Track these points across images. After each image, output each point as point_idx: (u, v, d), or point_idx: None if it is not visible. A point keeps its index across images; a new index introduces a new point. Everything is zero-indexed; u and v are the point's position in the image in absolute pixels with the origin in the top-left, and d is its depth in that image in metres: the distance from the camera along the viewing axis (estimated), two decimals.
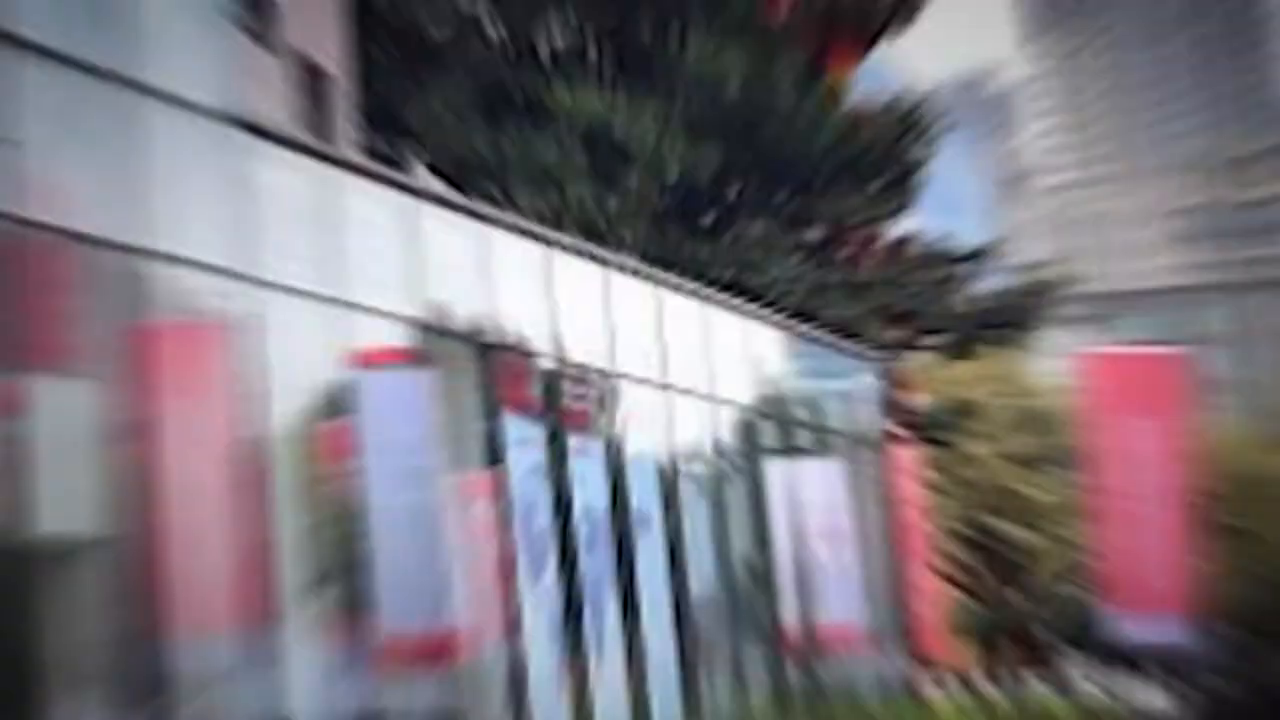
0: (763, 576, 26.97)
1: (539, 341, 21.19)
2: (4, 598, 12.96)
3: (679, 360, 25.05)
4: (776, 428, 28.28)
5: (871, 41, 42.90)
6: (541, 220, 27.98)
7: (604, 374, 22.62)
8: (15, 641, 13.00)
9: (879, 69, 47.37)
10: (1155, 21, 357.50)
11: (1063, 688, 43.99)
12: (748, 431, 27.18)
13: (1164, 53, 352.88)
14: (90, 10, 14.84)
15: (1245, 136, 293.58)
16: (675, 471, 24.34)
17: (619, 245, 29.78)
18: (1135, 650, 43.48)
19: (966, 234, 52.46)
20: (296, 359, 16.98)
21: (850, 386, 32.44)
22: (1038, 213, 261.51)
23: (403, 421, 18.55)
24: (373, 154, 31.54)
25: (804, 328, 31.67)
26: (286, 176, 17.31)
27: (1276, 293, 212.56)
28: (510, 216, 22.23)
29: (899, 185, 41.69)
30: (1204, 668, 55.72)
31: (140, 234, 14.87)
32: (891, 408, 38.29)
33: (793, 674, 27.20)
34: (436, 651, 18.47)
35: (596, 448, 22.08)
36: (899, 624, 33.26)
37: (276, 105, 26.97)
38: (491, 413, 20.00)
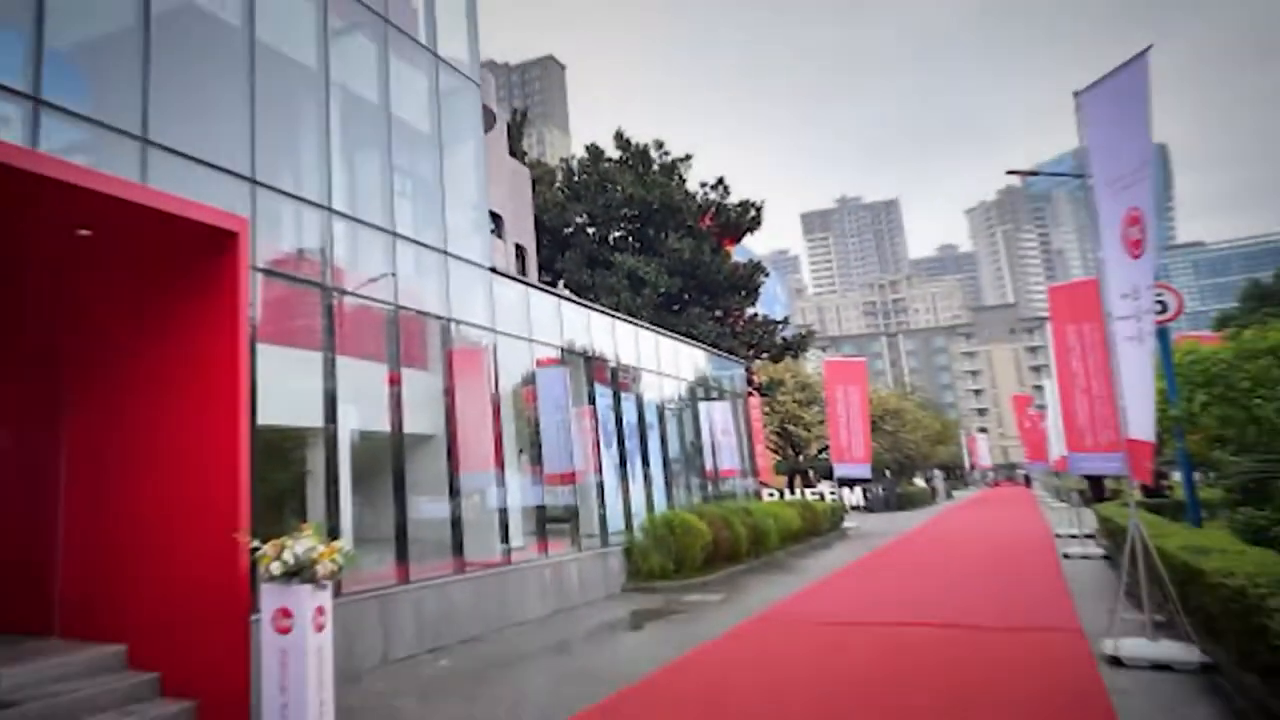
0: (698, 449, 26.82)
1: (609, 356, 21.04)
2: (394, 459, 12.86)
3: (665, 361, 24.86)
4: (703, 389, 28.12)
5: (740, 237, 42.65)
6: (611, 308, 27.92)
7: (634, 368, 22.44)
8: (394, 469, 12.92)
9: (744, 248, 47.03)
10: (860, 228, 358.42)
11: (819, 495, 43.66)
12: (692, 391, 27.00)
13: (861, 240, 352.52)
14: (425, 218, 14.74)
15: (892, 272, 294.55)
16: (664, 406, 24.19)
17: (641, 319, 29.65)
18: (849, 479, 43.03)
19: (777, 313, 52.38)
20: (513, 363, 16.85)
21: (732, 373, 32.19)
22: (808, 305, 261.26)
23: (555, 387, 18.43)
24: (543, 282, 31.36)
25: (714, 350, 31.52)
26: (509, 291, 17.19)
27: (906, 337, 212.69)
28: (598, 308, 22.02)
29: (751, 294, 41.40)
30: (874, 485, 56.00)
31: (449, 312, 14.75)
32: (749, 381, 38.18)
33: (709, 488, 26.98)
34: (567, 479, 18.34)
35: (633, 397, 21.96)
36: (751, 468, 32.96)
37: (504, 263, 26.87)
38: (590, 383, 19.86)
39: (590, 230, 41.86)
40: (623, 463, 20.85)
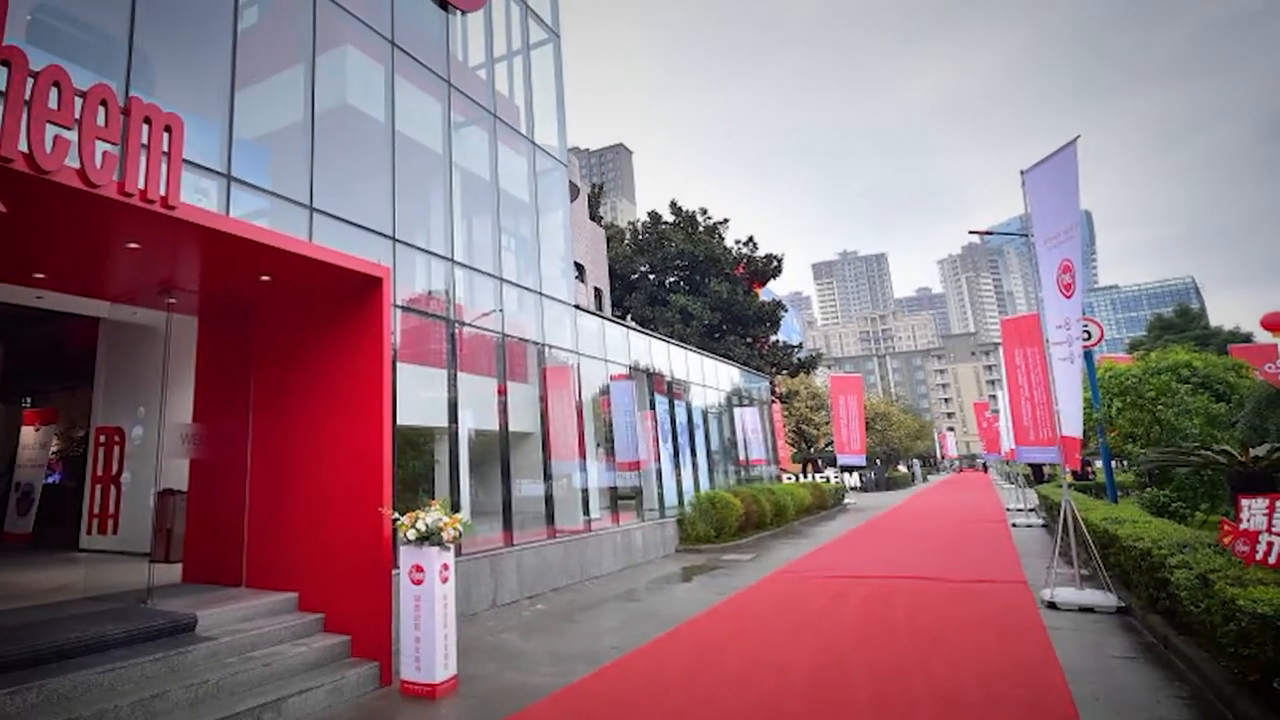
0: (733, 443, 26.48)
1: (666, 372, 20.80)
2: (501, 451, 12.73)
3: (708, 376, 24.58)
4: (737, 398, 27.75)
5: (766, 282, 42.22)
6: (667, 336, 27.72)
7: (685, 382, 22.18)
8: (501, 458, 12.78)
9: (769, 290, 46.50)
10: (856, 274, 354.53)
11: (826, 478, 42.93)
12: (729, 399, 26.65)
13: (857, 284, 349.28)
14: (525, 267, 14.63)
15: (881, 308, 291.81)
16: (707, 411, 23.89)
17: (690, 344, 29.42)
18: (849, 466, 42.10)
19: (794, 340, 51.79)
20: (592, 377, 16.67)
21: (759, 385, 31.75)
22: (817, 333, 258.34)
23: (624, 396, 18.19)
24: (615, 316, 31.14)
25: (745, 368, 31.08)
26: (589, 323, 17.04)
27: (892, 358, 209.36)
28: (657, 335, 21.75)
29: (774, 325, 40.94)
30: (868, 470, 54.36)
31: (544, 339, 14.62)
32: (772, 391, 37.58)
33: (742, 473, 26.63)
34: (634, 466, 18.08)
35: (684, 403, 21.68)
36: (774, 458, 32.48)
37: (585, 301, 26.73)
38: (651, 393, 19.61)
39: (651, 276, 41.85)
40: (676, 454, 20.56)
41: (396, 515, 7.58)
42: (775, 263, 42.32)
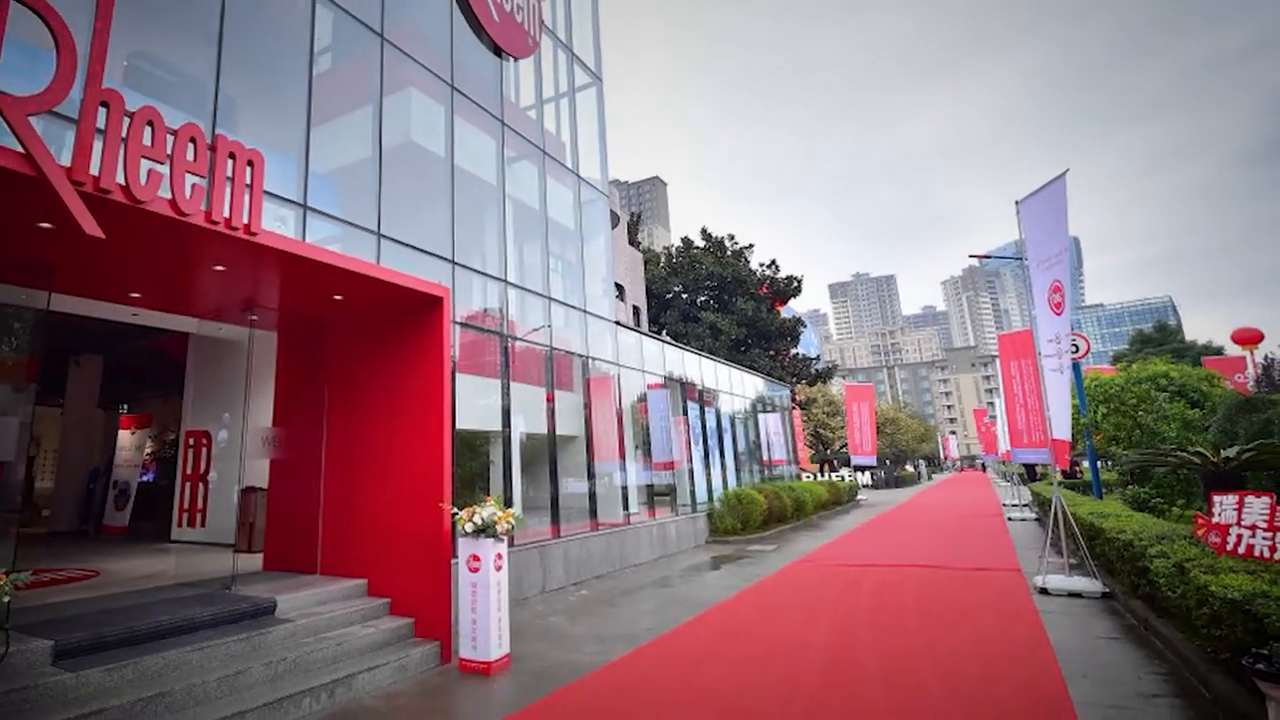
0: (758, 445, 26.19)
1: (697, 381, 20.60)
2: (549, 452, 12.61)
3: (734, 385, 24.34)
4: (761, 404, 27.46)
5: (787, 300, 41.82)
6: (699, 348, 27.52)
7: (714, 390, 21.97)
8: (549, 459, 12.66)
9: (789, 307, 46.03)
10: (868, 293, 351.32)
11: (841, 476, 42.38)
12: (753, 405, 26.38)
13: (869, 302, 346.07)
14: (571, 287, 14.54)
15: (890, 324, 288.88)
16: (734, 416, 23.63)
17: (719, 356, 29.15)
18: (861, 466, 41.41)
19: (812, 353, 51.26)
20: (631, 386, 16.52)
21: (781, 394, 31.40)
22: (833, 347, 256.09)
23: (660, 404, 18.02)
24: (651, 332, 30.99)
25: (768, 378, 30.74)
26: (628, 337, 16.90)
27: (900, 369, 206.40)
28: (689, 349, 21.54)
29: (794, 339, 40.50)
30: (879, 470, 53.24)
31: (587, 352, 14.50)
32: (792, 398, 37.11)
33: (765, 472, 26.33)
34: (668, 466, 17.89)
35: (713, 409, 21.49)
36: (794, 458, 32.10)
37: (625, 318, 26.62)
38: (684, 400, 19.42)
39: (684, 296, 41.63)
40: (706, 455, 20.33)
41: (455, 510, 7.54)
42: (795, 283, 41.94)
